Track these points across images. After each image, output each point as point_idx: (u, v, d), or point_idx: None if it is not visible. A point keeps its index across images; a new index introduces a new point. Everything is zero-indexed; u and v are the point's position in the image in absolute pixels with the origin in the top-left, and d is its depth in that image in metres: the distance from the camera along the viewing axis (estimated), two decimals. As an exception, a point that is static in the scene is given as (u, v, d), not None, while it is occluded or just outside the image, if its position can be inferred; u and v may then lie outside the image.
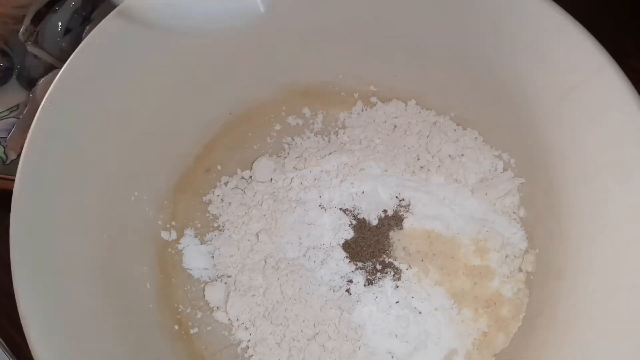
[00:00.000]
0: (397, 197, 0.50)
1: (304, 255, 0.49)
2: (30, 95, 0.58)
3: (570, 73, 0.44)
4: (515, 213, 0.50)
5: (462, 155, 0.52)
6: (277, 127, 0.56)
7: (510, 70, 0.48)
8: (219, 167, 0.55)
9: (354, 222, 0.50)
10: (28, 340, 0.35)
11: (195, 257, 0.51)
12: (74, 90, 0.42)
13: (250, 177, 0.54)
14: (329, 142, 0.56)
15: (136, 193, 0.48)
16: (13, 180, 0.54)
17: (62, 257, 0.39)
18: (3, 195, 0.54)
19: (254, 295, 0.49)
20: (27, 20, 0.59)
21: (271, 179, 0.53)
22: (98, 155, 0.44)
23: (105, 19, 0.44)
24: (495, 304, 0.47)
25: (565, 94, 0.45)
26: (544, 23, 0.44)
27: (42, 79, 0.57)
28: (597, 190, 0.43)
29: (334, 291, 0.48)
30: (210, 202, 0.53)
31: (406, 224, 0.49)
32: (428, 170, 0.52)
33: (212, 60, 0.51)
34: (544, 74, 0.46)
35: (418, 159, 0.53)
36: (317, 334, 0.47)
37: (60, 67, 0.59)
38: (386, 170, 0.52)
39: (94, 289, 0.41)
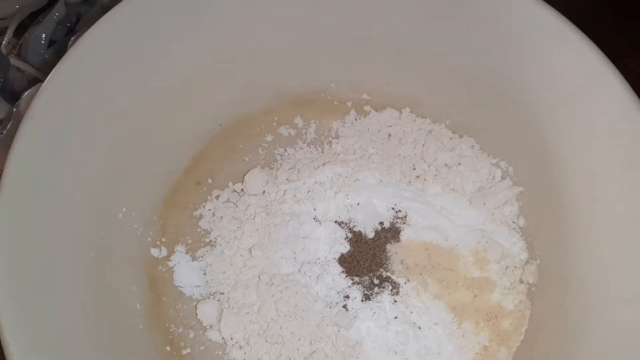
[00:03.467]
0: (393, 208, 0.49)
1: (299, 271, 0.48)
2: (14, 109, 0.56)
3: (569, 78, 0.43)
4: (514, 222, 0.49)
5: (459, 164, 0.51)
6: (269, 137, 0.55)
7: (507, 76, 0.47)
8: (209, 181, 0.53)
9: (350, 235, 0.48)
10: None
11: (186, 274, 0.49)
12: (56, 105, 0.40)
13: (242, 190, 0.53)
14: (323, 152, 0.54)
15: (124, 209, 0.46)
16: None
17: (47, 279, 0.37)
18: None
19: (248, 312, 0.47)
20: (9, 32, 0.57)
21: (264, 191, 0.52)
22: (83, 171, 0.42)
23: (88, 31, 0.42)
24: (496, 317, 0.46)
25: (564, 99, 0.44)
26: (541, 28, 0.43)
27: (26, 93, 0.56)
28: (600, 196, 0.42)
29: (330, 307, 0.46)
30: (201, 216, 0.52)
31: (403, 236, 0.48)
32: (424, 179, 0.51)
33: (199, 70, 0.49)
34: (541, 79, 0.45)
35: (414, 169, 0.51)
36: (314, 352, 0.45)
37: (44, 80, 0.57)
38: (381, 181, 0.51)
39: (82, 311, 0.39)
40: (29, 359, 0.34)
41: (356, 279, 0.47)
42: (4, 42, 0.57)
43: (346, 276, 0.47)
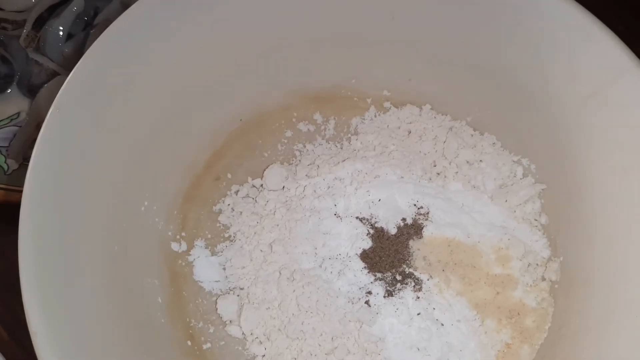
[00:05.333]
0: (415, 205, 0.49)
1: (320, 266, 0.48)
2: (32, 103, 0.56)
3: (594, 74, 0.43)
4: (536, 220, 0.49)
5: (480, 161, 0.51)
6: (288, 133, 0.55)
7: (530, 72, 0.47)
8: (229, 176, 0.53)
9: (372, 231, 0.48)
10: (39, 358, 0.33)
11: (206, 269, 0.49)
12: (82, 97, 0.40)
13: (262, 185, 0.53)
14: (342, 148, 0.54)
15: (146, 203, 0.46)
16: (14, 190, 0.53)
17: (73, 270, 0.37)
18: (4, 207, 0.52)
19: (269, 308, 0.47)
20: (28, 26, 0.57)
21: (283, 187, 0.52)
22: (107, 163, 0.42)
23: (112, 24, 0.42)
24: (518, 314, 0.46)
25: (589, 96, 0.44)
26: (565, 23, 0.43)
27: (45, 86, 0.56)
28: (624, 195, 0.42)
29: (352, 303, 0.46)
30: (220, 211, 0.52)
31: (426, 232, 0.48)
32: (445, 176, 0.51)
33: (221, 65, 0.49)
34: (565, 76, 0.45)
35: (434, 165, 0.51)
36: (335, 348, 0.45)
37: (62, 73, 0.57)
38: (402, 177, 0.50)
39: (106, 304, 0.39)
40: (55, 348, 0.33)
41: (378, 275, 0.47)
42: (22, 35, 0.57)
43: (368, 272, 0.47)
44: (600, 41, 0.42)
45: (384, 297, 0.46)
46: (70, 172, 0.39)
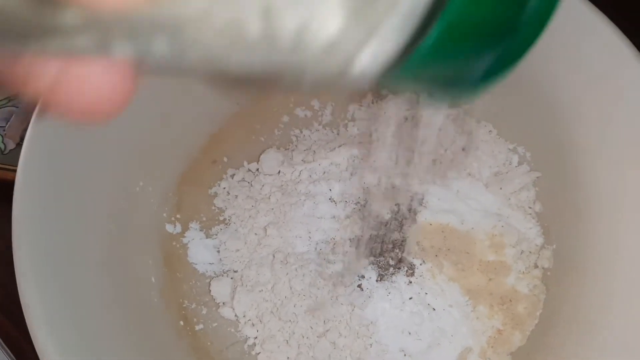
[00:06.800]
0: (409, 191, 0.49)
1: (314, 250, 0.48)
2: (30, 83, 0.56)
3: (594, 66, 0.43)
4: (530, 208, 0.49)
5: (477, 148, 0.51)
6: (285, 119, 0.55)
7: (529, 61, 0.46)
8: (225, 159, 0.53)
9: (366, 216, 0.48)
10: (30, 331, 0.33)
11: (200, 251, 0.49)
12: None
13: (257, 169, 0.53)
14: (338, 134, 0.54)
15: (141, 183, 0.46)
16: (12, 170, 0.53)
17: (69, 248, 0.37)
18: (2, 185, 0.52)
19: (262, 290, 0.47)
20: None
21: (279, 171, 0.52)
22: (103, 142, 0.42)
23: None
24: (510, 300, 0.46)
25: (587, 87, 0.44)
26: (567, 14, 0.43)
27: (43, 67, 0.56)
28: (622, 185, 0.42)
29: (345, 286, 0.46)
30: (216, 194, 0.52)
31: (420, 218, 0.48)
32: (441, 163, 0.51)
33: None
34: (565, 66, 0.45)
35: (430, 153, 0.51)
36: (327, 330, 0.45)
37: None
38: (397, 163, 0.51)
39: (100, 282, 0.39)
40: (47, 321, 0.34)
41: (371, 259, 0.47)
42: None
43: (361, 256, 0.47)
44: (602, 33, 0.42)
45: (377, 281, 0.46)
46: (66, 150, 0.39)
